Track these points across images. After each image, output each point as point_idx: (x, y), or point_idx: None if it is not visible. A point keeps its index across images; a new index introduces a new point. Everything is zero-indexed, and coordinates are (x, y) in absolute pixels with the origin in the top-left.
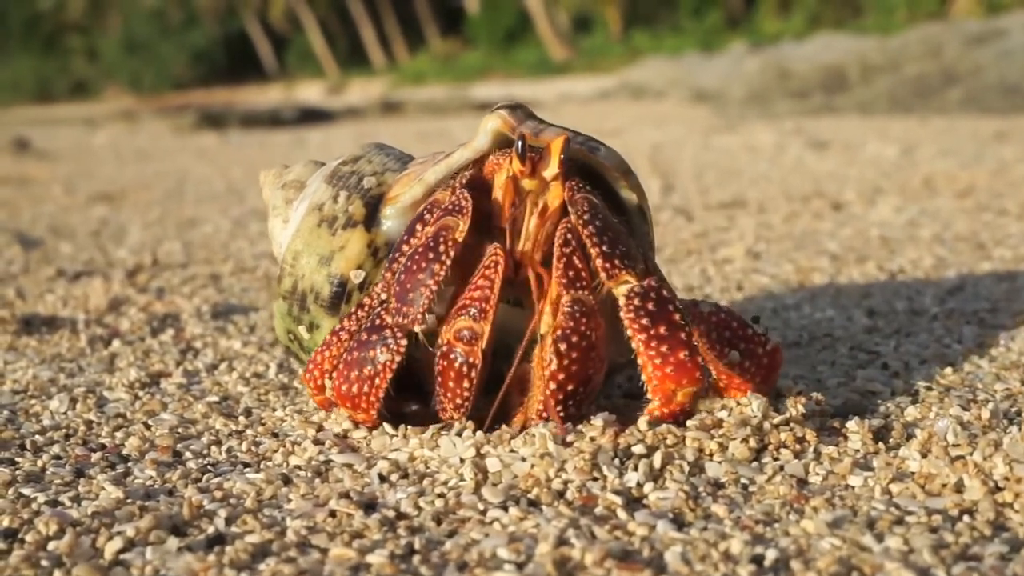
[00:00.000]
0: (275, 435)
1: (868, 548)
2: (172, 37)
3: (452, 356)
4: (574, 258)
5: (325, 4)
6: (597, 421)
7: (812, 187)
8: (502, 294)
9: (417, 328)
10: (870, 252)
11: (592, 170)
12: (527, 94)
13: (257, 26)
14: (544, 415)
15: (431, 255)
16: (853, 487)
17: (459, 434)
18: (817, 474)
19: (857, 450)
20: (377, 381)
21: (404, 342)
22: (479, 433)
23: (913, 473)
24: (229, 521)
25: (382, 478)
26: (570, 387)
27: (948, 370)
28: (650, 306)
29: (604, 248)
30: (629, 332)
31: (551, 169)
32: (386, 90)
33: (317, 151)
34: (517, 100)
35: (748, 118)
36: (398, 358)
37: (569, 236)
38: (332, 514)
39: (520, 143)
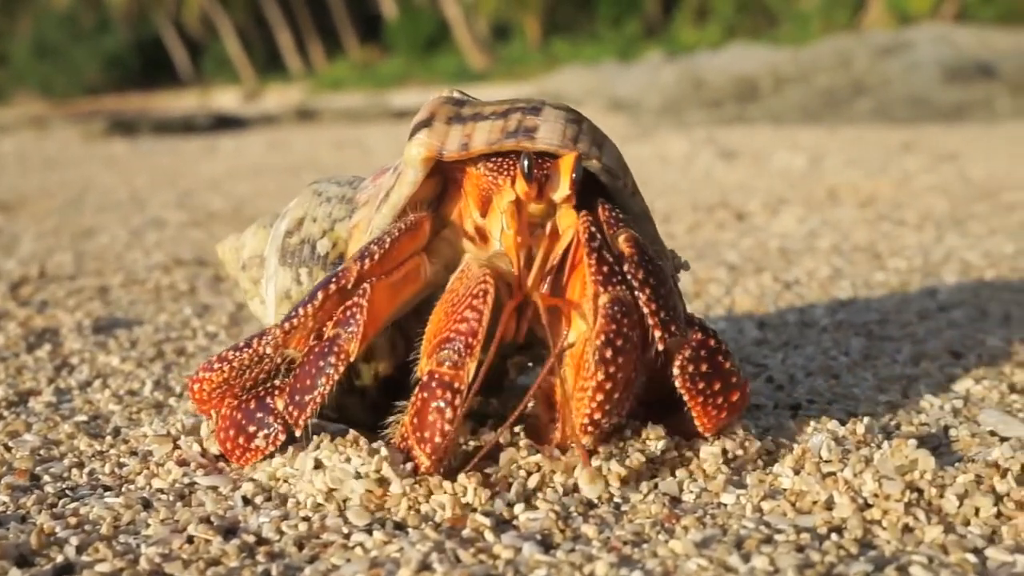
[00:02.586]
0: (141, 456)
1: (734, 569)
2: (84, 41)
3: (432, 386)
4: (604, 252)
5: (242, 10)
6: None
7: (719, 197)
8: (490, 326)
9: (297, 432)
10: (768, 263)
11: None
12: None
13: (172, 31)
14: (588, 429)
15: (323, 363)
16: (726, 505)
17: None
18: (691, 492)
19: (731, 467)
20: (248, 455)
21: (283, 438)
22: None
23: (785, 490)
24: (80, 549)
25: (246, 501)
26: (616, 395)
27: (832, 382)
28: (704, 368)
29: (662, 315)
30: (684, 395)
31: (562, 191)
32: (304, 97)
33: (229, 158)
34: (436, 96)
35: (662, 127)
36: (272, 448)
37: (593, 230)
38: (190, 540)
39: (526, 162)
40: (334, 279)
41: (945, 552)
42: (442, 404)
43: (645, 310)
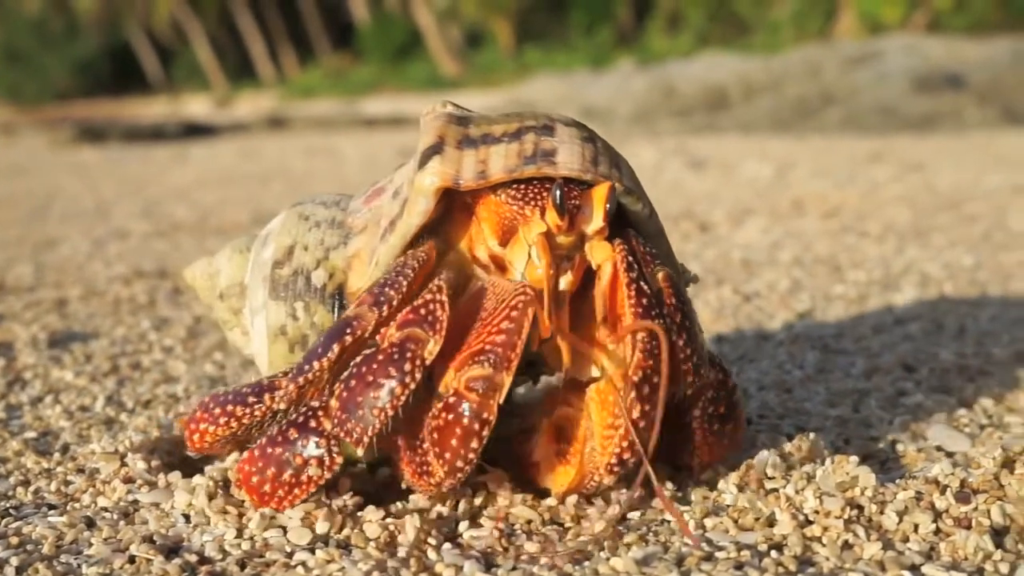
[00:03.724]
0: (88, 474)
1: None
2: (54, 47)
3: (460, 409)
4: (643, 284)
5: (213, 16)
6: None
7: (685, 207)
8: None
9: (360, 451)
10: (730, 275)
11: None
12: (417, 110)
13: (142, 37)
14: (615, 469)
15: (393, 371)
16: (669, 522)
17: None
18: (637, 509)
19: (676, 484)
20: (297, 492)
21: (340, 460)
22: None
23: (728, 507)
24: (20, 570)
25: (187, 519)
26: (647, 435)
27: (784, 397)
28: (721, 409)
29: (695, 360)
30: (696, 433)
31: (595, 223)
32: (275, 104)
33: (198, 166)
34: (434, 113)
35: (633, 136)
36: (328, 476)
37: (631, 260)
38: (131, 560)
39: (558, 193)
40: (349, 330)
41: (882, 569)
42: (467, 433)
43: (681, 354)
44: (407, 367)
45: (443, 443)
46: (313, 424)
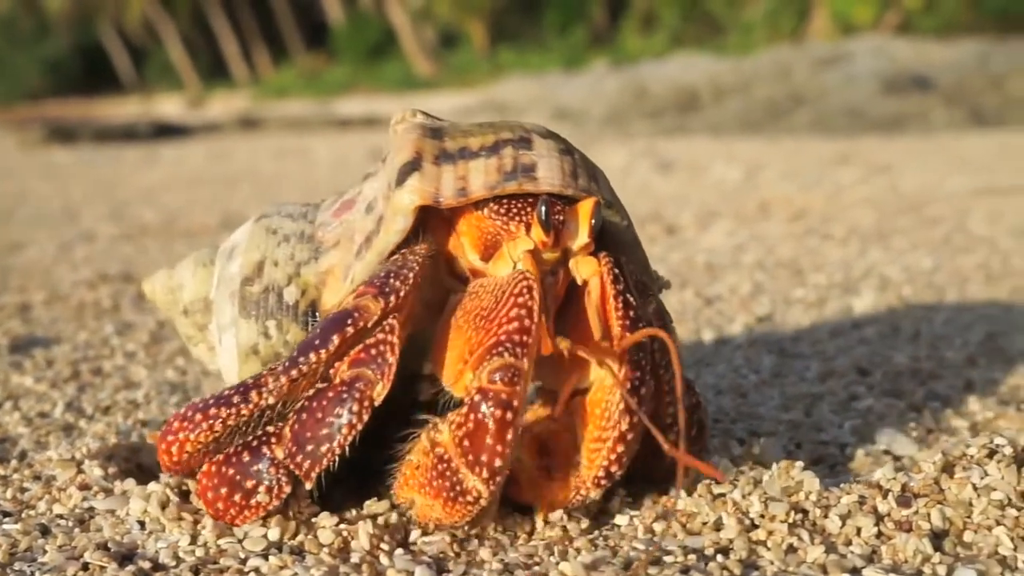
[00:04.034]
0: (44, 481)
1: None
2: (24, 47)
3: (488, 403)
4: (629, 296)
5: (186, 15)
6: None
7: (653, 210)
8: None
9: (308, 485)
10: (693, 278)
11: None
12: (390, 110)
13: (114, 36)
14: (602, 482)
15: (342, 411)
16: (619, 526)
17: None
18: (588, 513)
19: (628, 489)
20: (247, 513)
21: (288, 490)
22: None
23: (677, 511)
24: None
25: (142, 526)
26: (634, 447)
27: (739, 401)
28: (695, 431)
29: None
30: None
31: (581, 239)
32: (249, 104)
33: (168, 168)
34: (406, 124)
35: (605, 137)
36: (277, 503)
37: (617, 272)
38: (85, 567)
39: (544, 209)
40: (350, 320)
41: (825, 572)
42: (501, 426)
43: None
44: (355, 408)
45: (476, 446)
46: (265, 451)
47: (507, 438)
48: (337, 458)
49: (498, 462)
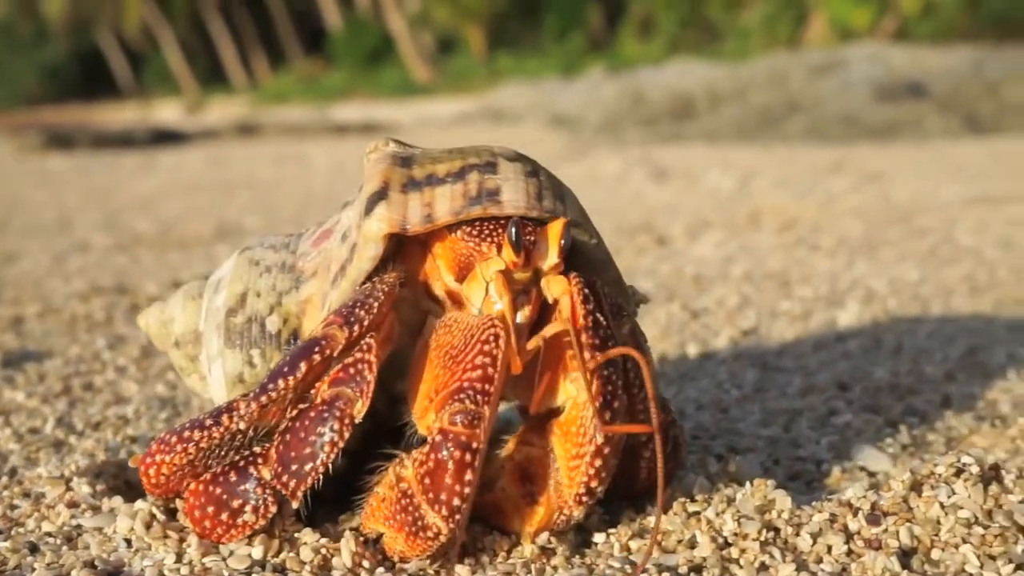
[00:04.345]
0: (33, 498)
1: None
2: (22, 52)
3: (448, 444)
4: (599, 316)
5: (184, 21)
6: None
7: (644, 219)
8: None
9: (295, 504)
10: (680, 291)
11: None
12: (388, 116)
13: (112, 42)
14: (583, 499)
15: (323, 429)
16: (596, 544)
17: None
18: (567, 532)
19: (605, 507)
20: (234, 532)
21: (274, 509)
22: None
23: (653, 527)
24: None
25: (129, 544)
26: (612, 461)
27: (720, 416)
28: (670, 448)
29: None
30: (643, 472)
31: (551, 259)
32: (247, 110)
33: (165, 174)
34: (376, 154)
35: (599, 145)
36: (263, 522)
37: (587, 292)
38: None
39: (514, 230)
40: (317, 349)
41: None
42: (459, 467)
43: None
44: (336, 426)
45: (436, 485)
46: (252, 471)
47: (465, 478)
48: (321, 476)
49: (456, 501)
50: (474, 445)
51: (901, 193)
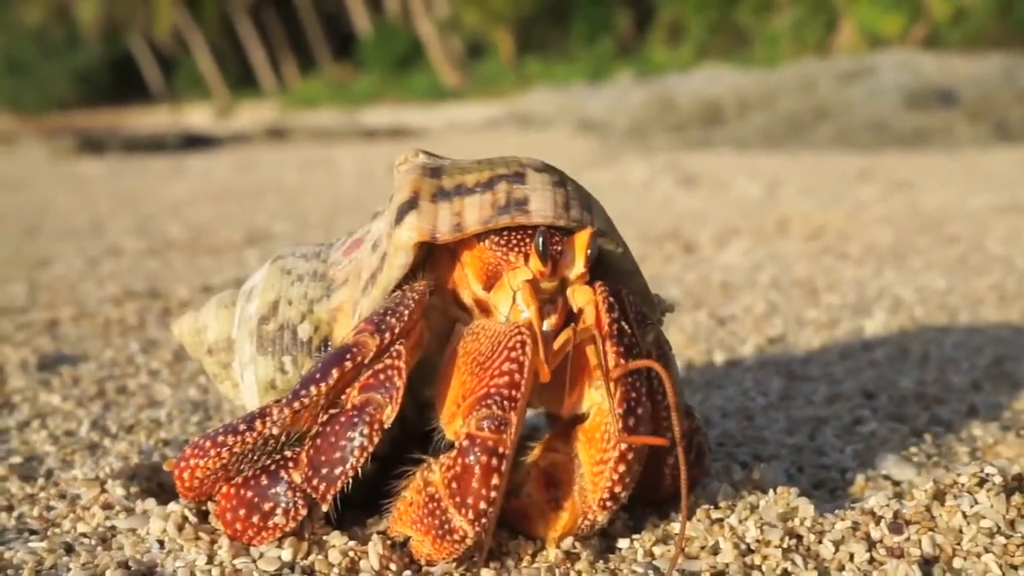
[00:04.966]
0: (69, 499)
1: None
2: (55, 57)
3: (475, 450)
4: (623, 324)
5: (214, 26)
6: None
7: (672, 227)
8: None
9: (325, 508)
10: (708, 299)
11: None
12: (417, 121)
13: (144, 47)
14: (608, 504)
15: (353, 434)
16: (620, 549)
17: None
18: (591, 537)
19: (629, 513)
20: (265, 534)
21: (304, 512)
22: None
23: (677, 535)
24: None
25: (162, 545)
26: (636, 467)
27: (745, 424)
28: (693, 455)
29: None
30: (667, 479)
31: (577, 268)
32: (276, 114)
33: (195, 179)
34: (406, 165)
35: (627, 151)
36: (293, 524)
37: (612, 301)
38: None
39: (541, 240)
40: (349, 356)
41: None
42: (486, 471)
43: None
44: (366, 431)
45: (463, 489)
46: (283, 475)
47: (492, 483)
48: (351, 480)
49: (482, 504)
50: (501, 450)
51: (930, 201)
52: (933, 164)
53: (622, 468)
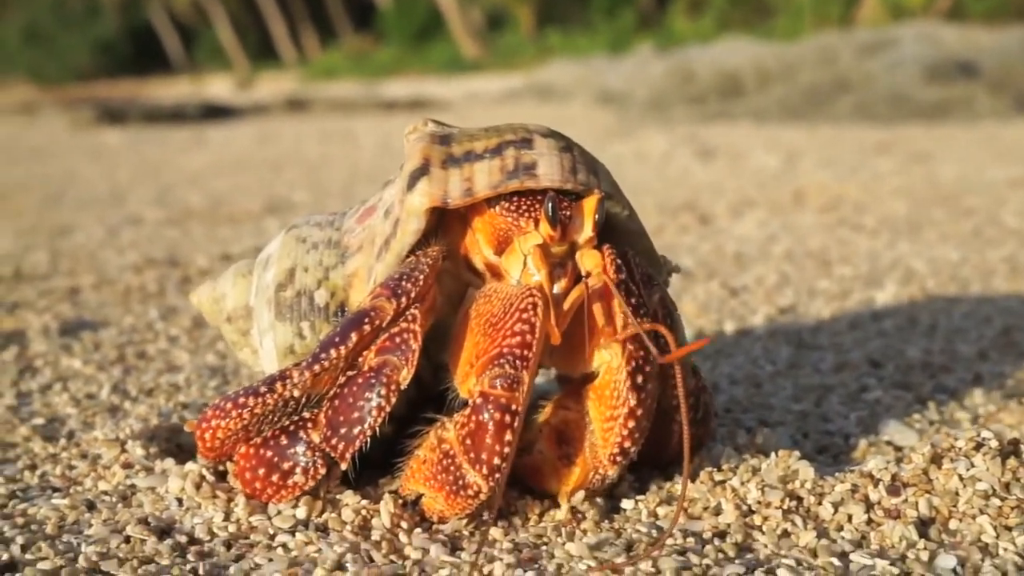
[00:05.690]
0: (90, 459)
1: (619, 570)
2: (75, 27)
3: (488, 406)
4: (631, 285)
5: None
6: None
7: (688, 198)
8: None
9: (344, 466)
10: (721, 269)
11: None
12: (436, 93)
13: (164, 17)
14: (617, 459)
15: (371, 395)
16: (625, 510)
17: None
18: (596, 498)
19: (635, 474)
20: (284, 493)
21: (323, 471)
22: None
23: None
24: (25, 548)
25: (180, 503)
26: (644, 423)
27: (753, 391)
28: (699, 414)
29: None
30: (675, 437)
31: (585, 232)
32: (296, 86)
33: (216, 149)
34: (416, 134)
35: (646, 123)
36: (312, 483)
37: (620, 263)
38: (127, 540)
39: (551, 205)
40: (367, 319)
41: (814, 555)
42: (500, 427)
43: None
44: (383, 391)
45: (477, 445)
46: (302, 434)
47: (505, 439)
48: (369, 440)
49: (496, 460)
50: (513, 407)
51: (948, 173)
52: (952, 136)
53: (631, 424)
